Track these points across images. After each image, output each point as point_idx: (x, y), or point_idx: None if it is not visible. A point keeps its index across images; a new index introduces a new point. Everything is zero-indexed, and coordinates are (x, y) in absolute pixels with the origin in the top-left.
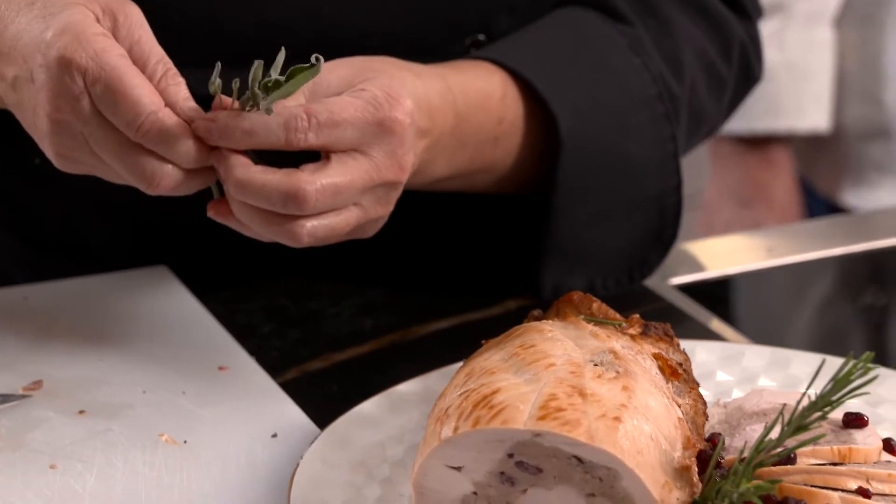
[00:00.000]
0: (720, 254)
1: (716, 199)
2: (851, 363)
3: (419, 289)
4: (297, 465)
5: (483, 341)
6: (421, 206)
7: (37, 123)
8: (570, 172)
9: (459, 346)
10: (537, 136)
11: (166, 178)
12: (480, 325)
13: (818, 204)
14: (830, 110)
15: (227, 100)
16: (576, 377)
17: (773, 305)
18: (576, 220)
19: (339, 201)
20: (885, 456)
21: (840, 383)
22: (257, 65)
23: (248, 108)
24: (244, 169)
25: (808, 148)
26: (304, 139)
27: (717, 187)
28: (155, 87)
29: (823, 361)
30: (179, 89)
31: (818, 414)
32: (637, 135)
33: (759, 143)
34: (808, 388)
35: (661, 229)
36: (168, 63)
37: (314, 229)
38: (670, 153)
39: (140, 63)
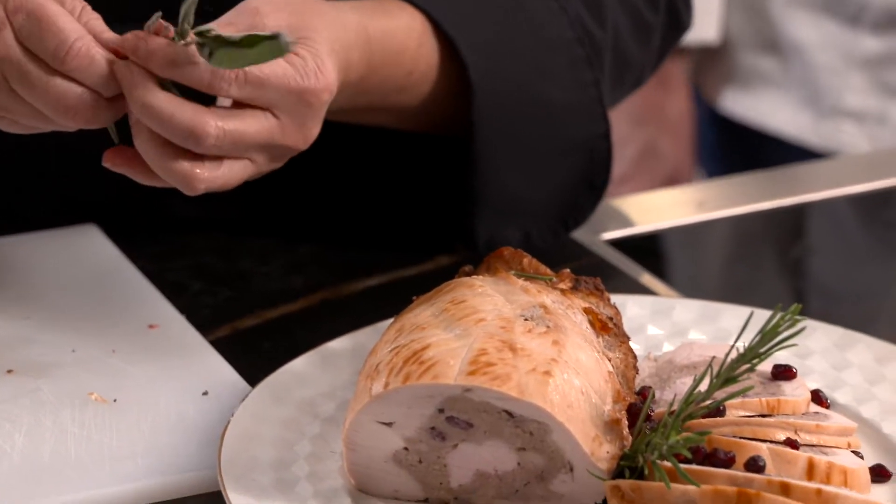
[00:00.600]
0: (651, 208)
1: (611, 115)
2: (779, 315)
3: (350, 245)
4: (228, 422)
5: (414, 297)
6: (352, 161)
7: None
8: (486, 116)
9: (391, 302)
10: (450, 80)
11: (84, 108)
12: (412, 281)
13: (710, 118)
14: (719, 23)
15: (163, 26)
16: (506, 332)
17: (703, 260)
18: (501, 166)
19: (235, 150)
20: (814, 407)
21: (768, 336)
22: (190, 2)
23: (178, 41)
24: (153, 92)
25: (699, 58)
26: (226, 89)
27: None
28: None
29: (751, 314)
30: (98, 23)
31: (746, 366)
32: (556, 78)
33: None
34: (736, 341)
35: (593, 175)
36: (83, 1)
37: (211, 180)
38: (594, 98)
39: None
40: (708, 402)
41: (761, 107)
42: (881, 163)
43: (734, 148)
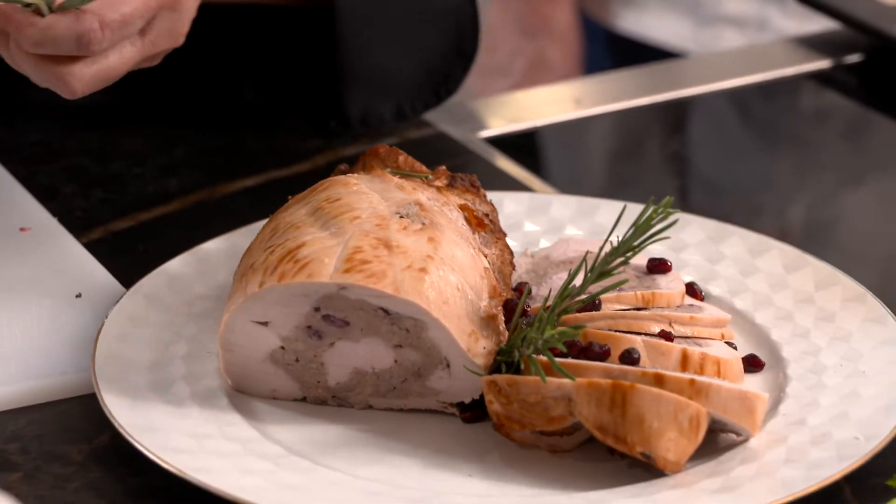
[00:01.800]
0: (528, 106)
1: (499, 27)
2: (651, 209)
3: (225, 146)
4: (102, 324)
5: (289, 197)
6: (225, 50)
7: None
8: None
9: (267, 203)
10: None
11: None
12: (288, 181)
13: (596, 33)
14: None
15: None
16: (381, 230)
17: (581, 156)
18: (366, 37)
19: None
20: (688, 300)
21: (641, 229)
22: None
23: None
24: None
25: None
26: (98, 48)
27: (500, 16)
28: None
29: (624, 208)
30: None
31: (620, 259)
32: None
33: None
34: (610, 235)
35: (461, 43)
36: None
37: (96, 75)
38: None
39: None
40: (583, 296)
41: (643, 18)
42: (757, 57)
43: (620, 61)
